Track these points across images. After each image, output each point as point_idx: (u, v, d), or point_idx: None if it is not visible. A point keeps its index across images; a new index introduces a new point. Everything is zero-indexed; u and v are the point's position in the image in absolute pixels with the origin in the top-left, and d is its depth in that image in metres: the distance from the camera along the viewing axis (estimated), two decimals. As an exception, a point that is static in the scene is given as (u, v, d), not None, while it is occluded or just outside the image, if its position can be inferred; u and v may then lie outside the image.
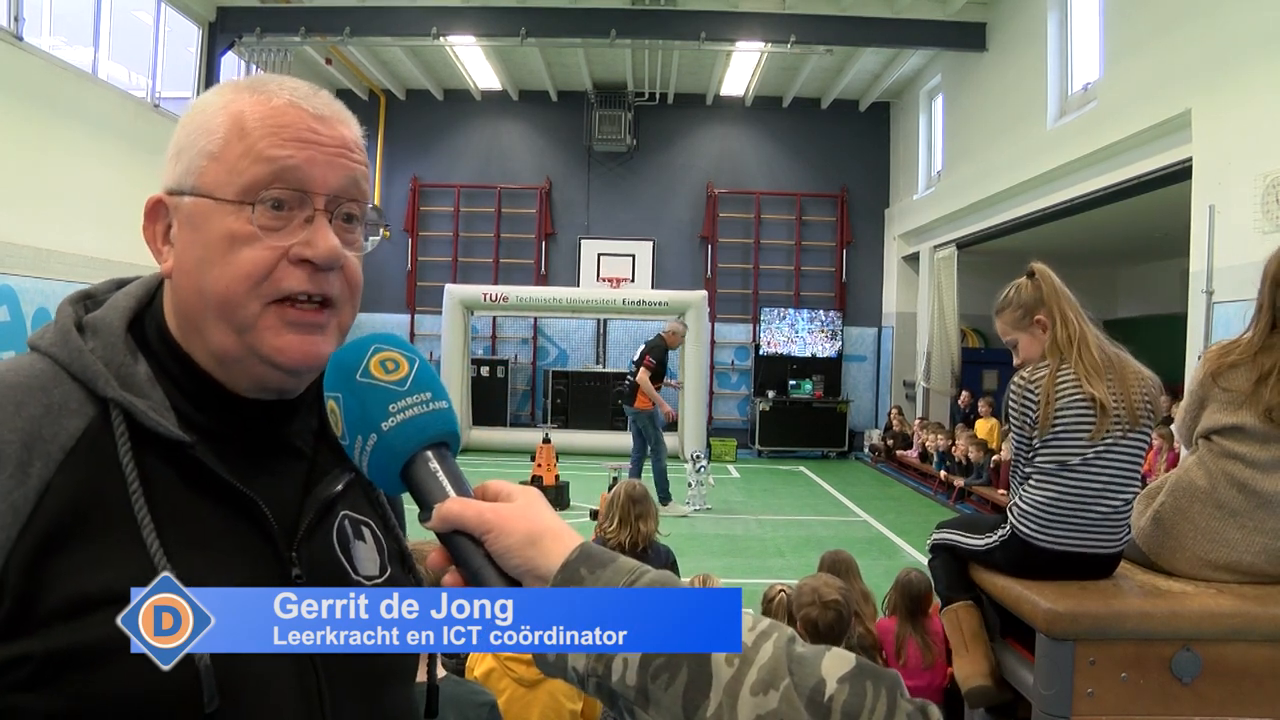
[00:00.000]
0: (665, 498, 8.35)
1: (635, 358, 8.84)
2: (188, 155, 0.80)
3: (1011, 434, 2.73)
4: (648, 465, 8.65)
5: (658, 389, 8.65)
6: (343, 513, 0.87)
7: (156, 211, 0.82)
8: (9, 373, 0.76)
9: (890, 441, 12.34)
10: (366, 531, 0.89)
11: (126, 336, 0.80)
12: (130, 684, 0.68)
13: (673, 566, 3.71)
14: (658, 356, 8.59)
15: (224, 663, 0.70)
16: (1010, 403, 2.67)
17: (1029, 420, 2.58)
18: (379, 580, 0.87)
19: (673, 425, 10.46)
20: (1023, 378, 2.63)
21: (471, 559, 0.68)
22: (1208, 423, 2.51)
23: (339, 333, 0.82)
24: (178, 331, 0.82)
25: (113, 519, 0.72)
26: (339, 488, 0.86)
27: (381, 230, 0.88)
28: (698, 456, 8.89)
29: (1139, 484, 2.57)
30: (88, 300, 0.85)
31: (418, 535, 0.93)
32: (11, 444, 0.71)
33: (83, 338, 0.79)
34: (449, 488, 0.70)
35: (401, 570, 0.91)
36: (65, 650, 0.68)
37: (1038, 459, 2.58)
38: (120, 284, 0.87)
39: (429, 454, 0.71)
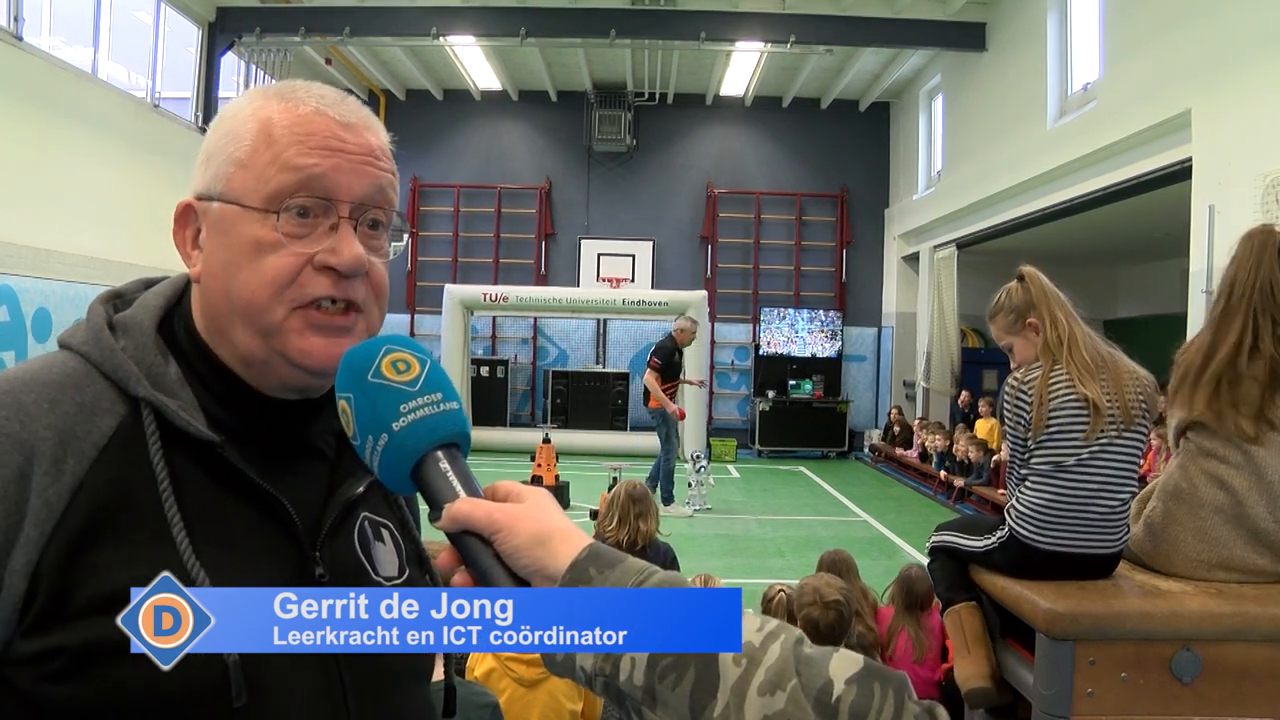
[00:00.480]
0: (668, 498, 8.36)
1: (648, 358, 8.88)
2: (216, 161, 0.81)
3: (1006, 435, 2.74)
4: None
5: (672, 388, 8.67)
6: (363, 514, 0.89)
7: (186, 216, 0.84)
8: (42, 370, 0.77)
9: (897, 430, 12.35)
10: (386, 533, 0.91)
11: (156, 336, 0.82)
12: (160, 678, 0.68)
13: (673, 565, 3.71)
14: (663, 356, 8.60)
15: (251, 659, 0.72)
16: (1004, 405, 2.69)
17: (1023, 422, 2.60)
18: (398, 581, 0.89)
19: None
20: (1016, 379, 2.65)
21: (480, 559, 0.68)
22: (1176, 419, 2.55)
23: (366, 336, 0.83)
24: (205, 333, 0.83)
25: (143, 516, 0.74)
26: (360, 489, 0.87)
27: (405, 235, 0.89)
28: (698, 456, 8.90)
29: (1136, 483, 2.58)
30: (117, 300, 0.87)
31: (429, 535, 0.94)
32: (46, 440, 0.73)
33: (115, 336, 0.81)
34: (459, 488, 0.70)
35: (419, 572, 0.93)
36: (97, 644, 0.70)
37: (1033, 460, 2.59)
38: (149, 284, 0.89)
39: (439, 454, 0.71)
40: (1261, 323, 2.43)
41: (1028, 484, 2.59)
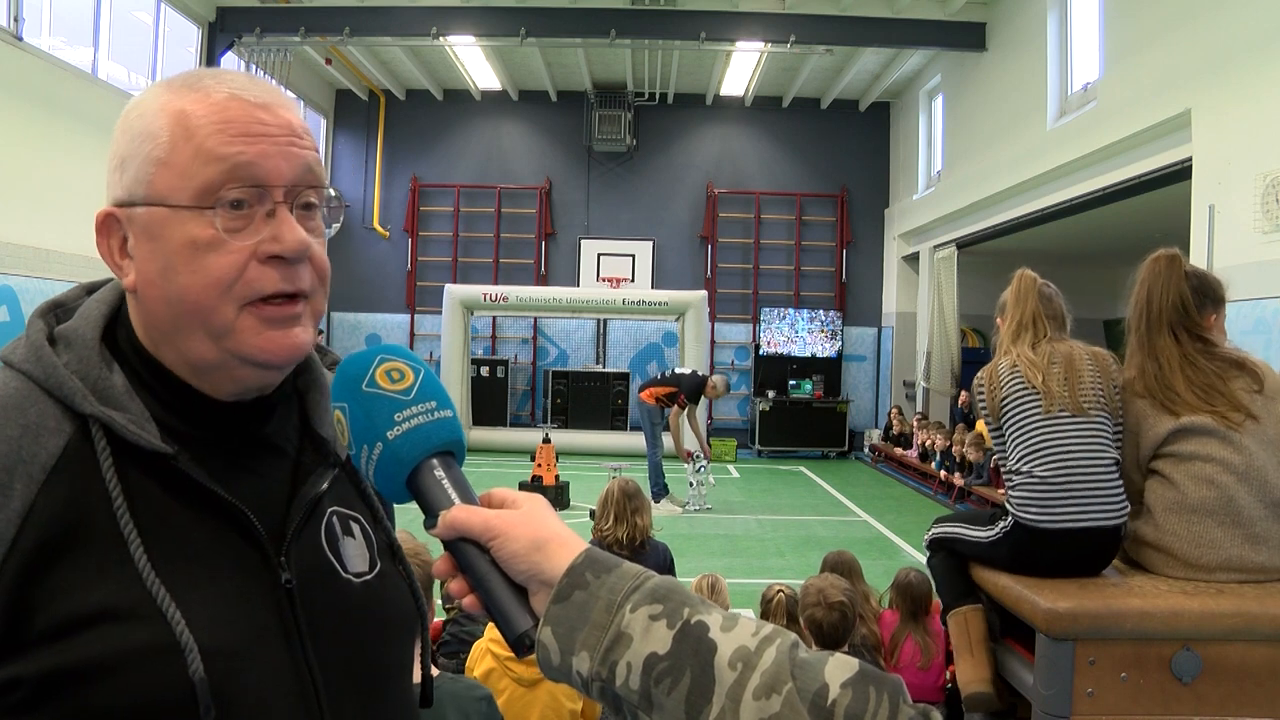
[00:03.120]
0: (657, 494, 8.39)
1: (680, 371, 9.13)
2: (134, 163, 0.77)
3: (989, 430, 2.88)
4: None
5: (667, 402, 8.85)
6: (331, 509, 0.87)
7: (108, 226, 0.80)
8: None
9: (900, 422, 12.35)
10: (355, 526, 0.88)
11: (100, 346, 0.79)
12: (127, 699, 0.68)
13: (670, 563, 3.71)
14: (692, 397, 8.82)
15: (220, 673, 0.71)
16: (976, 401, 2.87)
17: (986, 410, 2.76)
18: (369, 576, 0.86)
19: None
20: (977, 378, 2.84)
21: (477, 565, 0.69)
22: (1149, 441, 2.58)
23: (314, 319, 0.82)
24: (148, 342, 0.80)
25: (99, 536, 0.71)
26: (325, 485, 0.85)
27: (342, 217, 0.86)
28: (697, 456, 8.90)
29: (1114, 457, 2.61)
30: (58, 310, 0.84)
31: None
32: None
33: (56, 350, 0.78)
34: (454, 495, 0.70)
35: (391, 564, 0.90)
36: (60, 670, 0.68)
37: (1013, 453, 2.68)
38: (91, 289, 0.86)
39: (435, 462, 0.71)
40: (1182, 335, 2.61)
41: (1016, 475, 2.66)
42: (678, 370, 9.23)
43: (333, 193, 0.83)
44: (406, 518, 0.99)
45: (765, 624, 0.65)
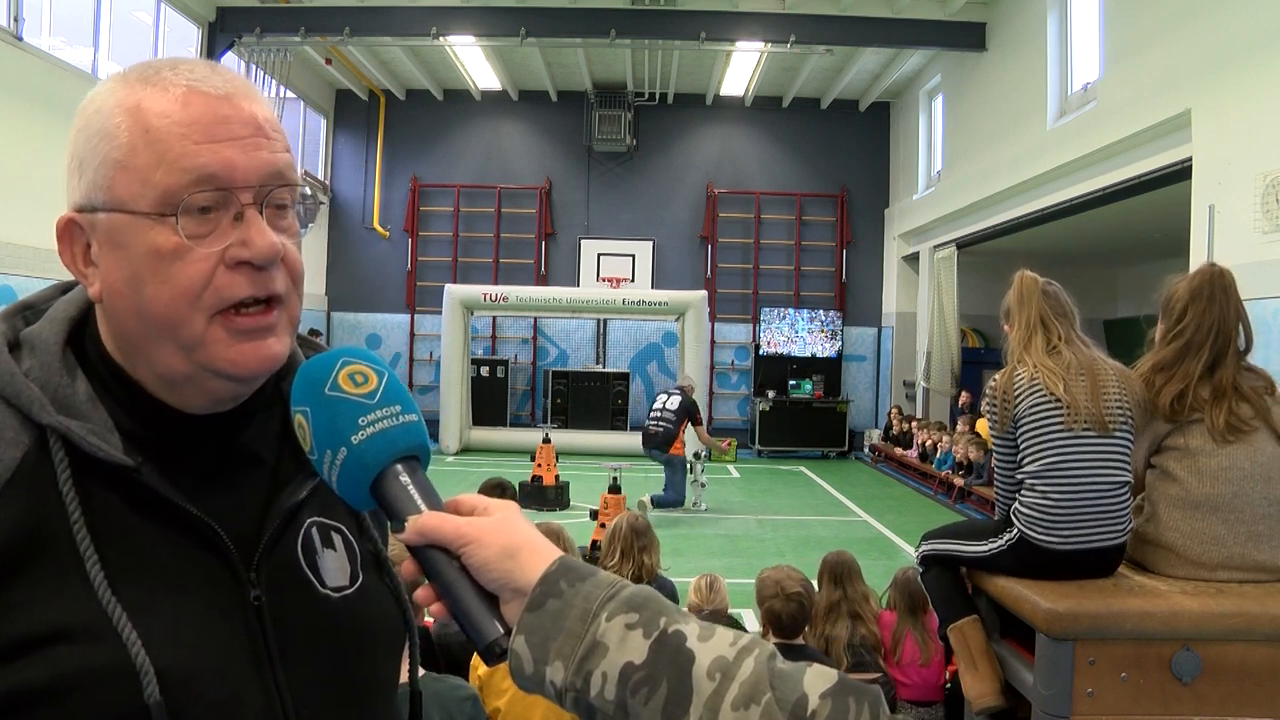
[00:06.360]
0: (659, 503, 8.39)
1: (673, 408, 8.50)
2: (92, 166, 0.72)
3: (993, 438, 2.81)
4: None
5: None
6: (310, 520, 0.82)
7: (70, 233, 0.75)
8: None
9: (899, 422, 12.37)
10: (337, 538, 0.84)
11: (65, 352, 0.75)
12: None
13: (673, 599, 3.69)
14: (696, 412, 8.76)
15: (179, 695, 0.68)
16: (984, 408, 2.80)
17: (997, 421, 2.69)
18: (349, 590, 0.82)
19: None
20: (990, 384, 2.76)
21: (445, 572, 0.67)
22: (1153, 437, 2.58)
23: (290, 327, 0.78)
24: (117, 353, 0.76)
25: (56, 552, 0.68)
26: (304, 494, 0.81)
27: (318, 207, 0.82)
28: (699, 455, 8.91)
29: (1130, 473, 2.60)
30: (27, 311, 0.80)
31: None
32: None
33: (20, 355, 0.74)
34: (420, 501, 0.69)
35: (376, 576, 0.86)
36: (12, 693, 0.65)
37: (1028, 464, 2.62)
38: (66, 288, 0.81)
39: (399, 467, 0.70)
40: (1224, 349, 2.54)
41: (1030, 488, 2.60)
42: (668, 407, 8.59)
43: (308, 191, 0.80)
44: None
45: (743, 634, 0.65)
